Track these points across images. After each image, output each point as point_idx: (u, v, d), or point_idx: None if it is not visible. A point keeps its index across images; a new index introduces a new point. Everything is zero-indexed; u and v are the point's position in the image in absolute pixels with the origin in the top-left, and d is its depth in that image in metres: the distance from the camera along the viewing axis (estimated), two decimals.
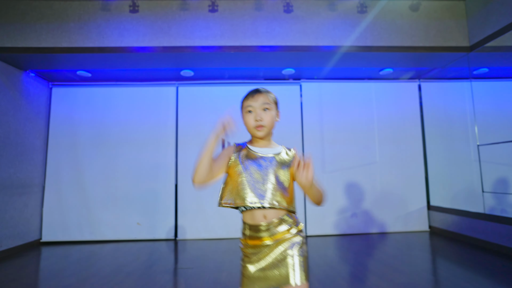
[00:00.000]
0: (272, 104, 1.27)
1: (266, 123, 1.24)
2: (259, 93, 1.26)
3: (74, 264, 3.18)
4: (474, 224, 3.60)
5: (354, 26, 3.58)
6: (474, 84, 3.75)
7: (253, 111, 1.24)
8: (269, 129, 1.27)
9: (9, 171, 3.61)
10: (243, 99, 1.29)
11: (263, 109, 1.24)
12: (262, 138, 1.28)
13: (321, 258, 3.20)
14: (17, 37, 3.37)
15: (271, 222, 1.19)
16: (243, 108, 1.28)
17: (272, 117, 1.26)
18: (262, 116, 1.23)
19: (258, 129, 1.24)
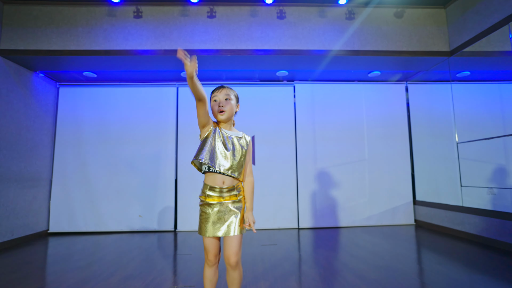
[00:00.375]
0: (232, 97, 1.65)
1: (226, 109, 1.61)
2: (223, 88, 1.65)
3: (79, 252, 3.42)
4: (454, 216, 3.87)
5: (343, 32, 3.84)
6: (455, 86, 4.02)
7: (217, 100, 1.62)
8: (229, 115, 1.63)
9: (20, 165, 3.87)
10: (212, 92, 1.67)
11: (225, 99, 1.62)
12: (224, 122, 1.65)
13: (313, 249, 3.45)
14: (29, 40, 3.63)
15: (227, 186, 1.59)
16: (211, 98, 1.66)
17: (232, 106, 1.64)
18: (223, 103, 1.61)
19: (220, 113, 1.61)
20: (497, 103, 3.78)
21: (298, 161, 4.68)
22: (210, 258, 1.61)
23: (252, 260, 2.95)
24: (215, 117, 1.65)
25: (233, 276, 1.60)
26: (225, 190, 1.58)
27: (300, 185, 4.63)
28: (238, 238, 1.57)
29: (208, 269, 1.63)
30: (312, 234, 4.17)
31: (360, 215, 4.65)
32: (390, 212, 4.69)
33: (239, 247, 1.58)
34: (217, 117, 1.63)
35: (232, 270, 1.59)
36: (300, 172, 4.66)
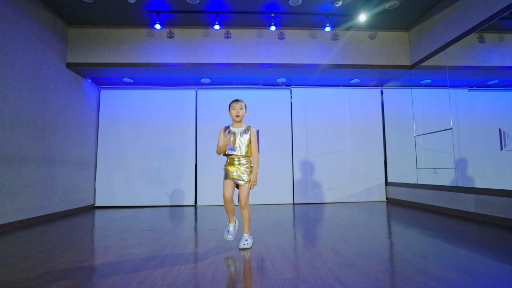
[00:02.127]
0: (244, 106, 2.69)
1: (240, 114, 2.65)
2: (238, 101, 2.68)
3: (121, 220, 4.55)
4: (412, 192, 5.07)
5: (329, 50, 4.98)
6: (416, 91, 5.19)
7: (235, 109, 2.66)
8: (241, 118, 2.67)
9: (77, 152, 4.98)
10: (231, 103, 2.70)
11: (240, 108, 2.66)
12: (239, 122, 2.68)
13: (304, 219, 4.63)
14: (87, 55, 4.72)
15: (240, 158, 2.61)
16: (230, 107, 2.68)
17: (243, 113, 2.69)
18: (239, 112, 2.65)
19: (237, 117, 2.65)
20: (443, 105, 4.96)
21: (293, 150, 5.84)
22: (226, 194, 2.49)
23: (260, 220, 4.11)
24: (233, 119, 2.71)
25: (243, 213, 2.64)
26: (241, 159, 2.62)
27: (295, 169, 5.80)
28: (246, 188, 2.60)
29: (225, 202, 2.53)
30: (305, 207, 5.34)
31: (342, 193, 5.84)
32: (367, 191, 5.88)
33: (247, 194, 2.60)
34: (235, 119, 2.70)
35: (242, 209, 2.61)
36: (295, 159, 5.82)
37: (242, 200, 2.58)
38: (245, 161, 2.65)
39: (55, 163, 4.36)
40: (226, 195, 2.60)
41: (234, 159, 2.64)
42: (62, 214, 4.49)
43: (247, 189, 2.61)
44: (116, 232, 3.30)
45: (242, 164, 2.62)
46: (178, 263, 2.11)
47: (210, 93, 5.88)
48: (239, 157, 2.63)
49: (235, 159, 2.63)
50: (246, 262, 2.14)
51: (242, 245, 2.57)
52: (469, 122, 4.16)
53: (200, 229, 3.40)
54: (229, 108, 2.72)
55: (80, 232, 3.32)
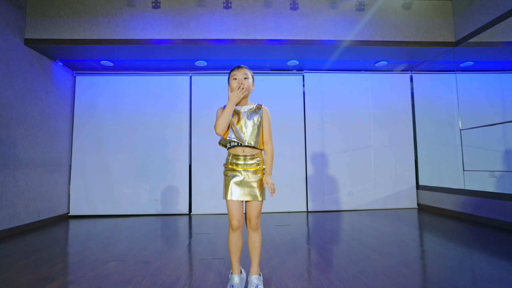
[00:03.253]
0: (250, 75, 1.82)
1: (245, 86, 1.77)
2: (241, 67, 1.82)
3: (100, 233, 3.62)
4: (456, 199, 4.10)
5: (353, 23, 4.00)
6: (459, 76, 4.21)
7: (237, 78, 1.79)
8: (248, 93, 1.82)
9: (44, 151, 4.04)
10: (231, 71, 1.84)
11: (244, 77, 1.79)
12: (244, 98, 1.82)
13: (320, 231, 3.68)
14: (52, 29, 3.77)
15: (246, 156, 1.77)
16: (230, 77, 1.83)
17: (249, 84, 1.81)
18: (243, 81, 1.78)
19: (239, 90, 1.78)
20: (497, 92, 3.98)
21: (307, 148, 4.88)
22: (234, 222, 1.75)
23: (271, 240, 3.17)
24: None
25: (253, 239, 1.79)
26: (248, 157, 1.76)
27: (309, 170, 4.85)
28: (259, 203, 1.76)
29: (232, 234, 1.77)
30: (320, 216, 4.39)
31: (365, 199, 4.88)
32: (394, 196, 4.92)
33: (259, 211, 1.77)
34: None
35: (253, 232, 1.78)
36: (309, 157, 4.86)
37: (253, 219, 1.77)
38: (254, 160, 1.78)
39: (7, 165, 3.42)
40: (234, 223, 1.75)
41: (239, 156, 1.77)
42: (19, 230, 3.57)
43: (260, 205, 1.77)
44: (88, 258, 2.37)
45: (250, 166, 1.76)
46: None
47: (207, 79, 4.91)
48: (245, 154, 1.77)
49: (241, 157, 1.77)
50: None
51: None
52: None
53: (190, 258, 2.47)
54: (229, 79, 1.83)
55: (27, 260, 2.39)
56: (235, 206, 1.75)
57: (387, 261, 2.30)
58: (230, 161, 1.80)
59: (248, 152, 1.78)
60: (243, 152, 1.78)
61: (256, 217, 1.77)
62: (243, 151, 1.78)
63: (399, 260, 2.32)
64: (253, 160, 1.78)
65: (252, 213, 1.77)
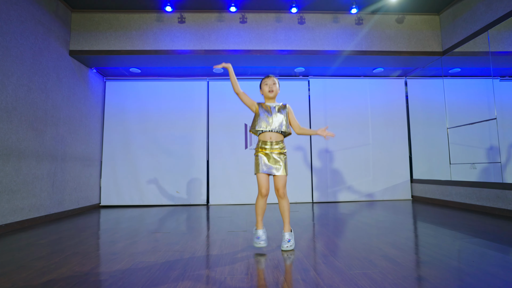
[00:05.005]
0: (277, 82, 2.39)
1: (274, 90, 2.35)
2: (271, 77, 2.39)
3: (129, 221, 4.18)
4: (443, 189, 4.66)
5: (353, 35, 4.58)
6: (447, 80, 4.77)
7: (268, 84, 2.35)
8: (275, 94, 2.37)
9: (82, 147, 4.63)
10: (263, 79, 2.40)
11: (273, 83, 2.36)
12: (272, 98, 2.38)
13: (331, 219, 4.24)
14: (92, 42, 4.36)
15: (274, 141, 2.29)
16: (262, 83, 2.38)
17: (277, 88, 2.39)
18: (272, 87, 2.35)
19: (270, 93, 2.35)
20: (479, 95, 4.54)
21: (312, 145, 5.44)
22: (263, 191, 2.24)
23: None
24: (266, 95, 2.38)
25: (282, 204, 2.32)
26: (274, 143, 2.27)
27: (314, 166, 5.41)
28: (284, 177, 2.29)
29: (261, 199, 2.27)
30: (325, 206, 4.95)
31: (364, 191, 5.44)
32: (391, 189, 5.48)
33: (285, 183, 2.29)
34: (268, 95, 2.37)
35: (281, 199, 2.31)
36: (314, 155, 5.43)
37: (280, 189, 2.30)
38: (278, 146, 2.32)
39: (57, 158, 4.00)
40: (263, 191, 2.28)
41: (266, 142, 2.31)
42: (65, 214, 4.14)
43: (285, 178, 2.31)
44: (124, 235, 2.93)
45: (275, 149, 2.30)
46: (204, 274, 1.73)
47: (223, 85, 5.50)
48: (271, 140, 2.31)
49: (268, 143, 2.30)
50: (287, 272, 1.75)
51: (286, 247, 2.26)
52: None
53: (219, 231, 3.03)
54: (261, 86, 2.41)
55: (84, 235, 2.95)
56: (264, 178, 2.29)
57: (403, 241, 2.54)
58: (260, 146, 2.33)
59: (274, 138, 2.30)
60: (270, 138, 2.30)
61: (283, 187, 2.30)
62: (270, 137, 2.29)
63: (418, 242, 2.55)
64: (277, 145, 2.31)
65: (279, 184, 2.29)
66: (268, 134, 2.30)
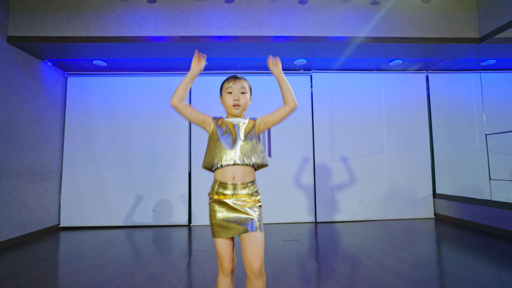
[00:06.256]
0: (247, 89, 1.52)
1: (242, 103, 1.47)
2: (238, 79, 1.49)
3: (93, 249, 3.28)
4: (480, 211, 3.74)
5: (367, 18, 3.65)
6: (483, 75, 3.85)
7: (232, 92, 1.47)
8: (243, 109, 1.50)
9: (31, 158, 3.72)
10: (224, 81, 1.51)
11: (240, 92, 1.47)
12: (238, 116, 1.51)
13: (332, 242, 3.34)
14: (38, 26, 3.44)
15: (236, 183, 1.39)
16: (223, 90, 1.50)
17: (247, 99, 1.50)
18: (239, 97, 1.47)
19: (235, 108, 1.47)
20: None
21: (315, 153, 4.53)
22: (225, 265, 1.39)
23: (279, 261, 2.82)
24: (228, 110, 1.49)
25: (256, 286, 1.33)
26: (239, 186, 1.38)
27: (317, 177, 4.50)
28: (260, 237, 1.34)
29: (223, 279, 1.42)
30: (330, 228, 4.05)
31: (378, 208, 4.53)
32: (409, 205, 4.57)
33: (262, 248, 1.33)
34: (231, 111, 1.47)
35: (255, 278, 1.31)
36: (317, 164, 4.52)
37: (254, 261, 1.31)
38: (246, 190, 1.40)
39: None
40: (225, 266, 1.38)
41: (226, 184, 1.39)
42: (2, 246, 3.24)
43: (262, 239, 1.35)
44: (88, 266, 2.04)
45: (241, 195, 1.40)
46: None
47: (207, 80, 4.57)
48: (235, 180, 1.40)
49: (229, 185, 1.39)
50: None
51: None
52: None
53: (193, 282, 2.13)
54: (221, 91, 1.51)
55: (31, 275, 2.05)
56: (225, 245, 1.39)
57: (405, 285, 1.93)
58: (216, 190, 1.42)
59: (240, 176, 1.40)
60: (233, 179, 1.40)
61: (259, 258, 1.32)
62: (233, 177, 1.40)
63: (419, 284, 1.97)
64: (245, 189, 1.40)
65: (252, 252, 1.32)
66: (229, 171, 1.40)
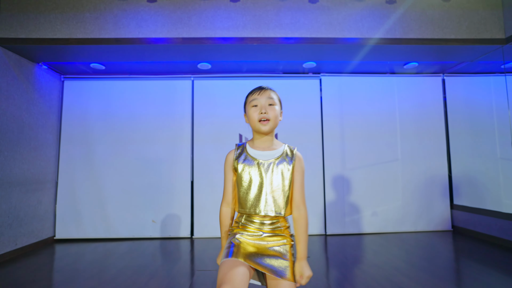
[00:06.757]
0: (277, 101, 1.27)
1: (270, 116, 1.22)
2: (264, 89, 1.26)
3: (91, 264, 3.07)
4: (505, 225, 3.46)
5: (383, 18, 3.40)
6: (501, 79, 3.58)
7: (258, 105, 1.23)
8: (273, 125, 1.25)
9: (23, 167, 3.50)
10: (248, 95, 1.28)
11: (268, 104, 1.23)
12: (266, 134, 1.25)
13: (343, 256, 3.07)
14: (31, 27, 3.22)
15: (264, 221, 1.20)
16: (248, 104, 1.27)
17: (276, 113, 1.25)
18: (267, 110, 1.22)
19: (263, 123, 1.22)
20: None
21: (325, 161, 4.27)
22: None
23: None
24: (255, 127, 1.25)
25: None
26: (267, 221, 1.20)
27: (327, 187, 4.24)
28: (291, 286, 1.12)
29: None
30: (342, 241, 3.78)
31: (392, 220, 4.26)
32: (425, 217, 4.29)
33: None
34: (258, 128, 1.23)
35: None
36: (327, 173, 4.26)
37: None
38: (279, 225, 1.20)
39: None
40: None
41: (253, 217, 1.20)
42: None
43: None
44: None
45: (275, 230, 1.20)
46: None
47: (211, 84, 4.33)
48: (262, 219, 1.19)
49: (256, 219, 1.20)
50: None
51: None
52: None
53: None
54: (245, 105, 1.27)
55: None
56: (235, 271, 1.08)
57: None
58: (242, 222, 1.21)
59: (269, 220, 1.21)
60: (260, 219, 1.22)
61: None
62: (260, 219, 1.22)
63: None
64: (273, 225, 1.20)
65: None
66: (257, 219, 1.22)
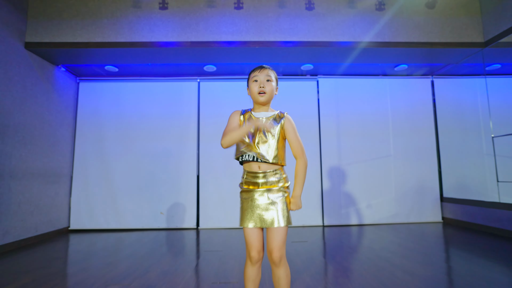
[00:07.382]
0: (273, 78, 1.55)
1: (267, 90, 1.51)
2: (264, 68, 1.54)
3: (104, 249, 3.32)
4: (488, 213, 3.74)
5: (373, 23, 3.74)
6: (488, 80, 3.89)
7: (258, 80, 1.52)
8: (269, 97, 1.53)
9: (43, 160, 3.80)
10: (251, 71, 1.56)
11: (266, 80, 1.52)
12: (263, 104, 1.55)
13: (338, 247, 3.35)
14: (54, 32, 3.57)
15: (264, 171, 1.47)
16: (250, 79, 1.55)
17: (272, 87, 1.53)
18: (265, 84, 1.51)
19: (261, 95, 1.51)
20: None
21: (322, 157, 4.57)
22: (253, 254, 1.45)
23: (290, 261, 2.84)
24: (254, 98, 1.54)
25: (278, 275, 1.44)
26: (269, 173, 1.47)
27: (325, 181, 4.53)
28: (282, 230, 1.43)
29: (250, 267, 1.48)
30: (338, 231, 4.05)
31: (385, 212, 4.53)
32: (417, 209, 4.56)
33: (283, 240, 1.44)
34: (257, 98, 1.52)
35: (276, 267, 1.44)
36: (324, 168, 4.55)
37: (274, 251, 1.42)
38: (275, 178, 1.47)
39: (3, 176, 3.17)
40: (252, 255, 1.45)
41: (256, 174, 1.47)
42: (15, 246, 3.29)
43: (284, 232, 1.44)
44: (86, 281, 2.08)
45: (271, 183, 1.46)
46: None
47: (216, 86, 4.67)
48: (264, 171, 1.47)
49: (259, 175, 1.46)
50: None
51: None
52: None
53: (204, 277, 2.16)
54: (248, 81, 1.55)
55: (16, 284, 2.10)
56: (254, 235, 1.46)
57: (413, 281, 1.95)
58: (246, 180, 1.50)
59: (266, 167, 1.48)
60: (259, 168, 1.48)
61: (279, 249, 1.43)
62: (258, 167, 1.48)
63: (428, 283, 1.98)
64: (274, 177, 1.48)
65: (273, 243, 1.43)
66: (254, 164, 1.50)
